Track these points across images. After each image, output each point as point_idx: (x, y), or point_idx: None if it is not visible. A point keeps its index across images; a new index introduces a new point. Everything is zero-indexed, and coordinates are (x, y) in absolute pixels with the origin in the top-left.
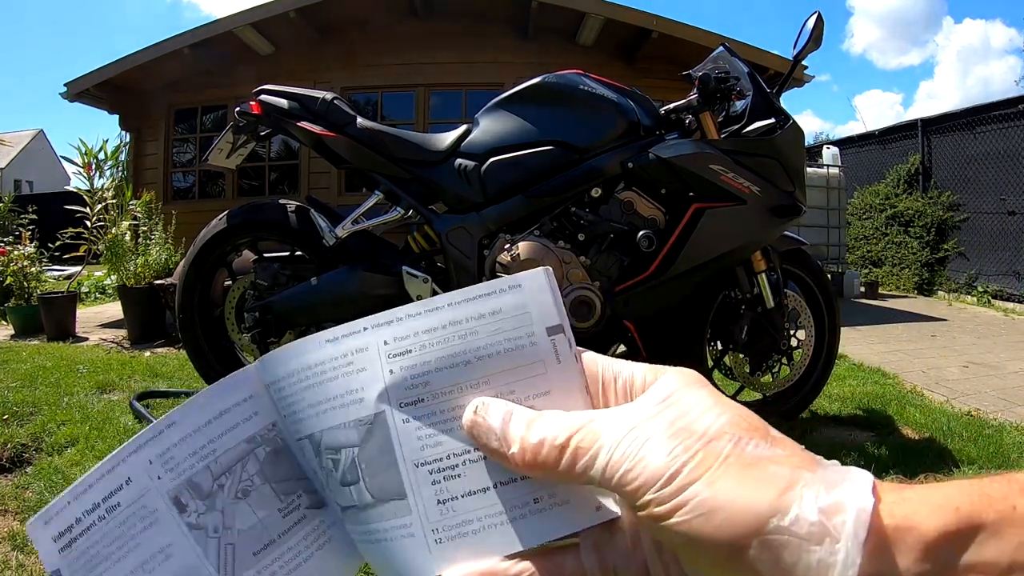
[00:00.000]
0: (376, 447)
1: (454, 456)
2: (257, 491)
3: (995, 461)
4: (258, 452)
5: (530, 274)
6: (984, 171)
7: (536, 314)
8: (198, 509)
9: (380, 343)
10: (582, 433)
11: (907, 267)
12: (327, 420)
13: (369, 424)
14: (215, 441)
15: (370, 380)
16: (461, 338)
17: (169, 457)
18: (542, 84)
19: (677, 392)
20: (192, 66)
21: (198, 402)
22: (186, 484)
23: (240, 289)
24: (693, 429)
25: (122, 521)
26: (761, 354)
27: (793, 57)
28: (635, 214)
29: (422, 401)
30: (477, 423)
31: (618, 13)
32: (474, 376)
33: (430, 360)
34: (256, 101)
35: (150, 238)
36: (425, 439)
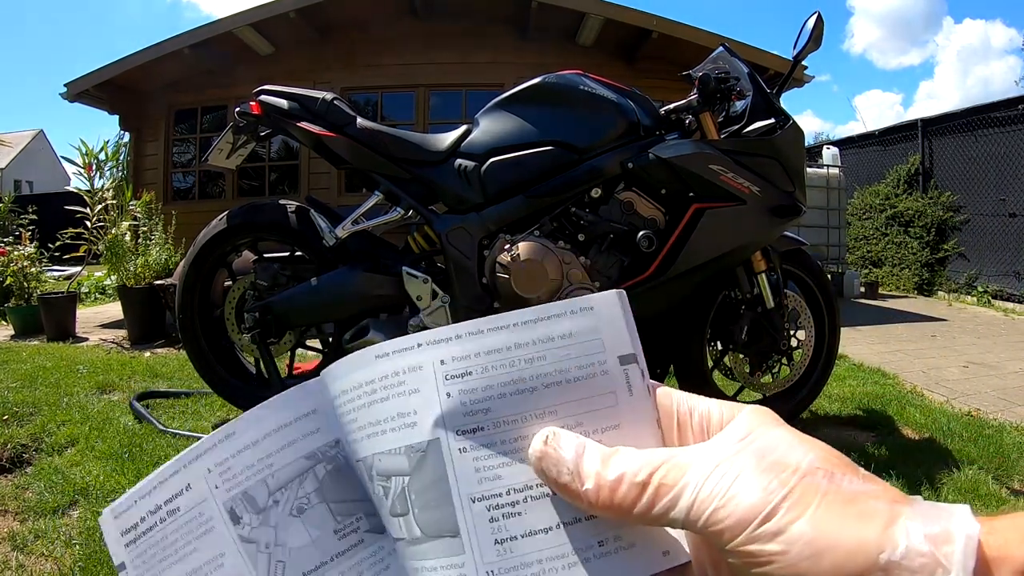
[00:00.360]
0: (428, 477)
1: (515, 492)
2: (313, 510)
3: (995, 461)
4: (317, 469)
5: (603, 297)
6: (984, 171)
7: (608, 340)
8: (251, 522)
9: (436, 362)
10: (664, 469)
11: (907, 267)
12: (378, 444)
13: (422, 452)
14: (273, 455)
15: (424, 403)
16: (527, 362)
17: (227, 468)
18: (542, 84)
19: (757, 429)
20: (192, 66)
21: (257, 414)
22: (241, 496)
23: (240, 289)
24: (785, 463)
25: (181, 525)
26: (761, 354)
27: (793, 57)
28: (635, 214)
29: (481, 430)
30: (548, 455)
31: (618, 13)
32: (539, 405)
33: (492, 385)
34: (256, 101)
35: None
36: (483, 471)
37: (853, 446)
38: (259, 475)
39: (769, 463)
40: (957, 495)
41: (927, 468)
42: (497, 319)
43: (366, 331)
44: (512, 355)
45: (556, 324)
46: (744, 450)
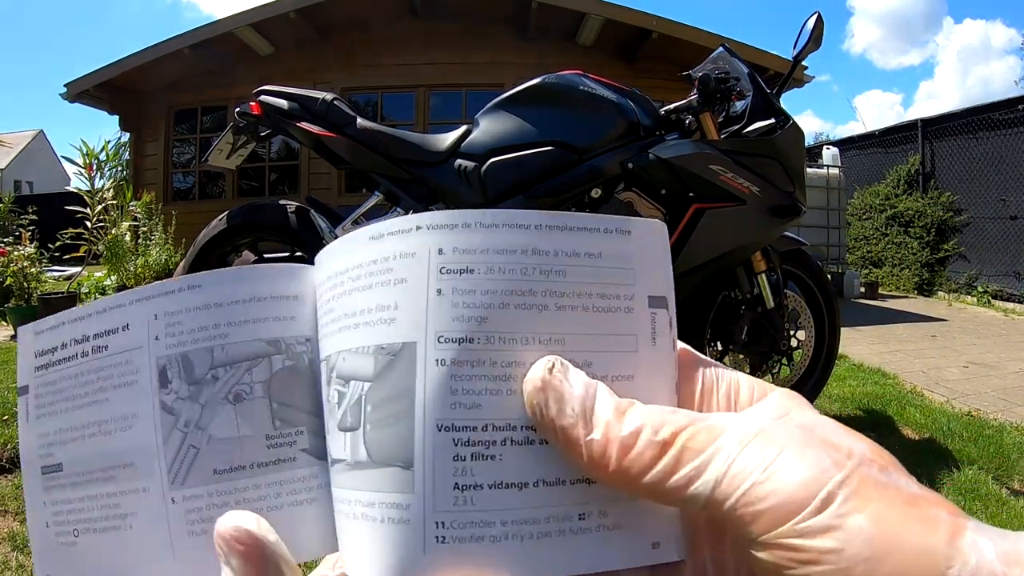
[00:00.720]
0: (393, 387)
1: (493, 428)
2: (252, 402)
3: (995, 461)
4: (274, 360)
5: (645, 223)
6: (984, 171)
7: (641, 275)
8: (180, 391)
9: (433, 250)
10: (692, 430)
11: (907, 267)
12: (347, 339)
13: (392, 355)
14: (232, 326)
15: (409, 296)
16: (543, 273)
17: (176, 321)
18: (542, 84)
19: (795, 410)
20: (192, 67)
21: (234, 275)
22: (180, 357)
23: None
24: (837, 444)
25: (103, 367)
26: (761, 354)
27: (793, 57)
28: (635, 214)
29: (470, 342)
30: (551, 385)
31: (618, 13)
32: (546, 328)
33: (494, 291)
34: (256, 102)
35: (150, 239)
36: (460, 394)
37: None
38: (208, 341)
39: (819, 439)
40: (957, 495)
41: (927, 468)
42: (518, 214)
43: None
44: (527, 261)
45: (586, 238)
46: (783, 422)
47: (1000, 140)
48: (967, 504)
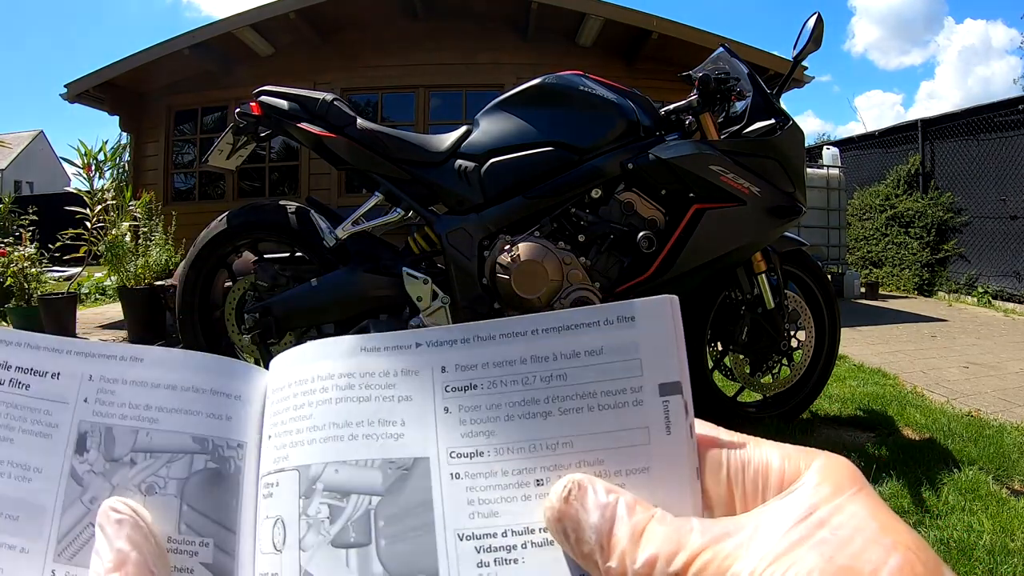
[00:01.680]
0: (408, 503)
1: (513, 534)
2: (163, 499)
3: (995, 462)
4: (196, 460)
5: (650, 304)
6: (984, 171)
7: (649, 363)
8: (94, 464)
9: (436, 368)
10: (705, 558)
11: (907, 268)
12: (340, 451)
13: (404, 470)
14: (164, 412)
15: (416, 415)
16: (544, 380)
17: (111, 390)
18: (542, 85)
19: (827, 504)
20: (192, 67)
21: (179, 359)
22: (104, 430)
23: (240, 290)
24: (859, 570)
25: (16, 406)
26: (761, 355)
27: (793, 58)
28: (635, 215)
29: (481, 455)
30: (568, 514)
31: (618, 14)
32: (553, 434)
33: (499, 404)
34: (256, 102)
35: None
36: (478, 505)
37: (853, 446)
38: (136, 422)
39: (838, 568)
40: (957, 495)
41: (927, 468)
42: (513, 323)
43: (366, 332)
44: (527, 370)
45: (585, 336)
46: (808, 539)
47: (1000, 140)
48: (967, 504)
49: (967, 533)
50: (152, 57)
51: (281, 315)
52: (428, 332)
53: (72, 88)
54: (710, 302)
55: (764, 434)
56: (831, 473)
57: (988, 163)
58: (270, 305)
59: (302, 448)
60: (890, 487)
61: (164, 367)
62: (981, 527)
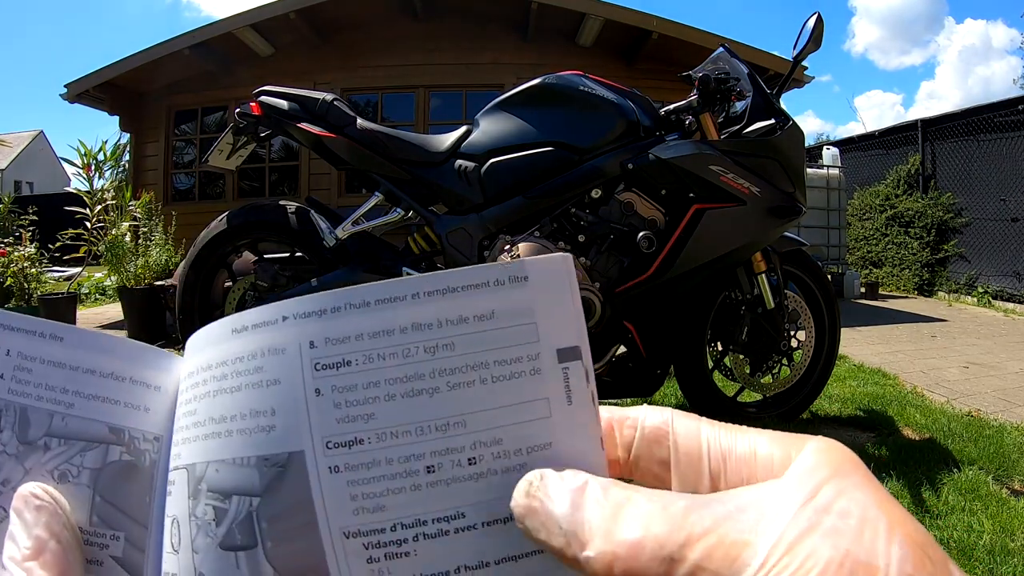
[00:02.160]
0: (287, 501)
1: (402, 527)
2: (76, 488)
3: (996, 462)
4: (112, 451)
5: (543, 262)
6: (984, 171)
7: (545, 326)
8: (7, 445)
9: (304, 344)
10: (711, 541)
11: (907, 268)
12: (218, 449)
13: (280, 467)
14: (82, 398)
15: (286, 400)
16: (428, 351)
17: (28, 368)
18: (542, 85)
19: (828, 485)
20: (192, 67)
21: (100, 342)
22: (18, 409)
23: (240, 290)
24: (871, 565)
25: None
26: (761, 355)
27: (793, 58)
28: (635, 215)
29: (360, 443)
30: (531, 509)
31: (617, 14)
32: (440, 412)
33: (378, 381)
34: (256, 102)
35: (150, 239)
36: (362, 499)
37: (853, 446)
38: (52, 404)
39: (854, 563)
40: (957, 495)
41: (927, 468)
42: (389, 286)
43: None
44: (408, 340)
45: (474, 298)
46: (817, 527)
47: (1000, 140)
48: (967, 504)
49: (967, 533)
50: (152, 57)
51: None
52: (295, 303)
53: (72, 88)
54: (710, 302)
55: None
56: (828, 456)
57: (988, 163)
58: None
59: (189, 445)
60: (890, 487)
61: (84, 349)
62: (981, 527)
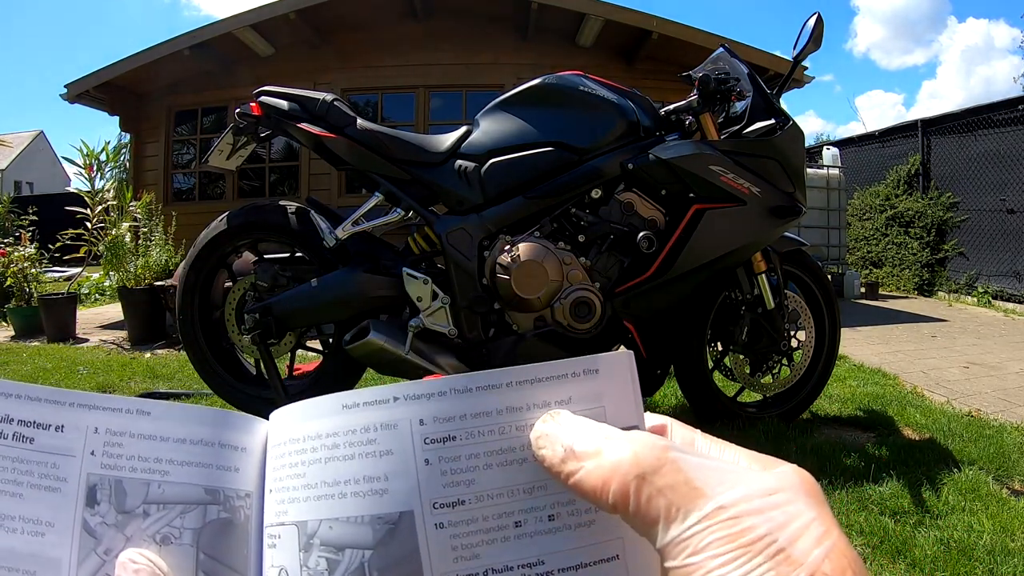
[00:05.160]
0: (397, 553)
1: (493, 572)
2: (179, 548)
3: (996, 462)
4: (210, 510)
5: (612, 359)
6: (984, 171)
7: (612, 409)
8: (106, 516)
9: (415, 422)
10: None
11: (907, 268)
12: (331, 509)
13: (391, 524)
14: (175, 465)
15: (398, 468)
16: (519, 429)
17: (118, 443)
18: (542, 85)
19: (788, 493)
20: (192, 67)
21: (187, 414)
22: (113, 482)
23: (240, 290)
24: (793, 557)
25: (22, 460)
26: (761, 355)
27: (793, 58)
28: (635, 215)
29: (462, 504)
30: (544, 431)
31: (617, 14)
32: (529, 479)
33: (477, 454)
34: (256, 102)
35: (150, 239)
36: (461, 550)
37: (854, 447)
38: (147, 475)
39: (776, 549)
40: (957, 496)
41: (927, 468)
42: (488, 376)
43: (366, 332)
44: (503, 420)
45: (556, 387)
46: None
47: (1000, 140)
48: (967, 504)
49: (967, 533)
50: (152, 57)
51: (281, 315)
52: (406, 386)
53: (72, 88)
54: (710, 302)
55: (764, 434)
56: (799, 477)
57: (988, 163)
58: (270, 305)
59: (298, 505)
60: (890, 487)
61: (171, 420)
62: (981, 527)
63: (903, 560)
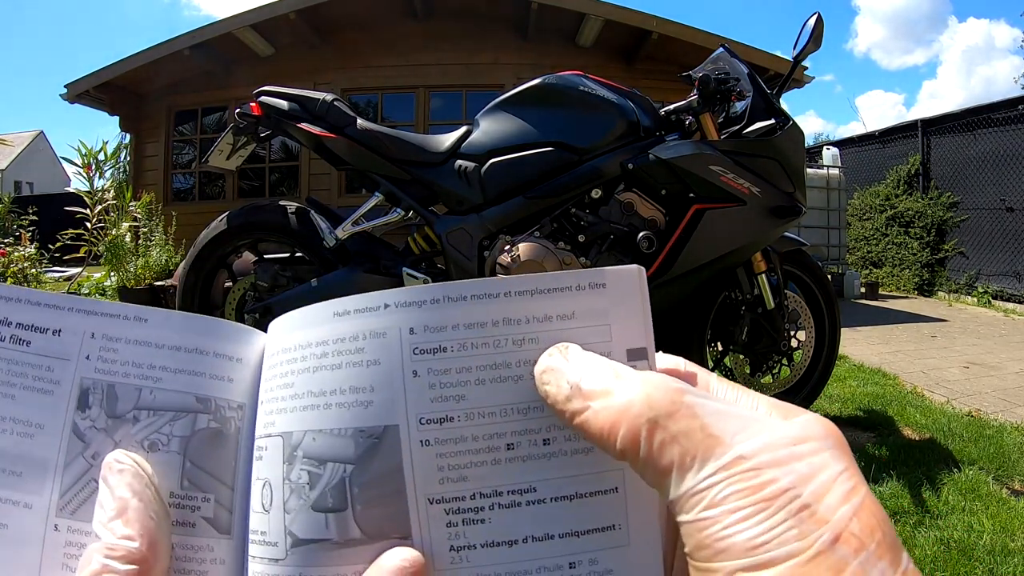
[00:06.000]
0: (379, 470)
1: (480, 496)
2: (166, 455)
3: (996, 462)
4: (200, 419)
5: (619, 272)
6: (984, 171)
7: (618, 328)
8: (96, 421)
9: (405, 330)
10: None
11: (907, 268)
12: (316, 420)
13: (375, 439)
14: (168, 371)
15: (385, 379)
16: (516, 343)
17: (113, 348)
18: (542, 85)
19: (815, 443)
20: (192, 67)
21: (184, 321)
22: (106, 387)
23: (240, 290)
24: (817, 512)
25: (17, 362)
26: (761, 355)
27: (793, 58)
28: (635, 215)
29: (451, 420)
30: (550, 366)
31: (617, 14)
32: (523, 397)
33: (470, 367)
34: (256, 102)
35: (150, 239)
36: (447, 471)
37: (854, 447)
38: (139, 380)
39: (800, 505)
40: (957, 496)
41: (927, 468)
42: (485, 284)
43: None
44: (499, 332)
45: (558, 300)
46: (784, 463)
47: (1000, 140)
48: (967, 504)
49: (967, 533)
50: (152, 57)
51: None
52: (397, 292)
53: (72, 88)
54: (710, 302)
55: None
56: (823, 426)
57: (988, 163)
58: (270, 305)
59: (285, 415)
60: (890, 487)
61: (168, 328)
62: (981, 527)
63: None
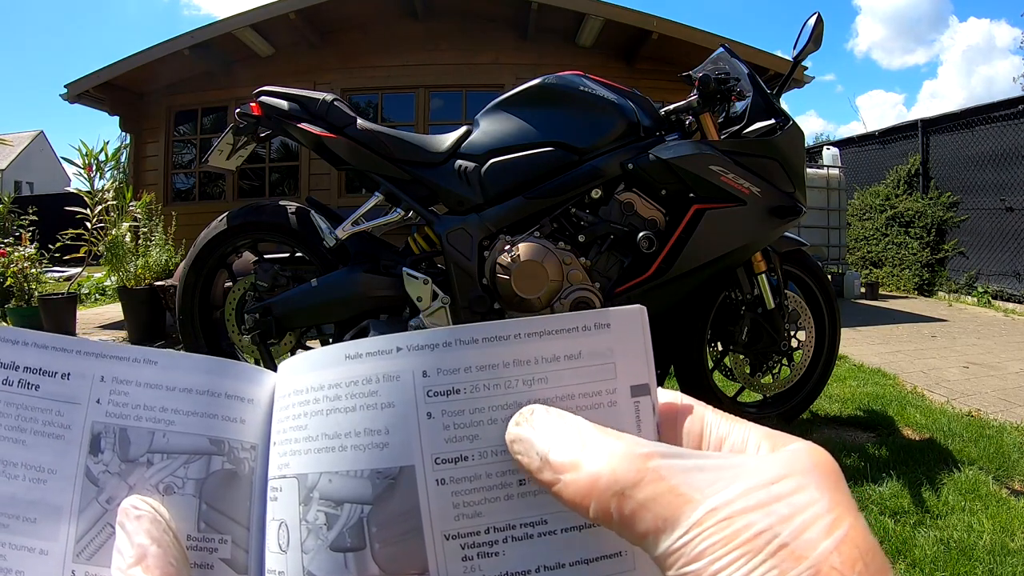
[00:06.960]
0: (397, 509)
1: (494, 531)
2: (181, 498)
3: (996, 462)
4: (214, 461)
5: (623, 313)
6: (984, 172)
7: (622, 366)
8: (109, 465)
9: (418, 374)
10: (659, 488)
11: (907, 268)
12: (331, 462)
13: (391, 479)
14: (180, 414)
15: (399, 421)
16: (525, 384)
17: (124, 391)
18: (542, 85)
19: (794, 479)
20: (192, 67)
21: (194, 363)
22: (118, 431)
23: (240, 290)
24: (797, 552)
25: (26, 406)
26: (761, 355)
27: (793, 58)
28: (635, 215)
29: (465, 459)
30: (519, 435)
31: (617, 14)
32: None
33: (483, 407)
34: (256, 102)
35: (150, 239)
36: (463, 508)
37: (853, 446)
38: (151, 424)
39: (778, 545)
40: (957, 496)
41: (927, 468)
42: (495, 327)
43: (366, 332)
44: (510, 373)
45: (564, 341)
46: (761, 508)
47: (1000, 140)
48: (967, 504)
49: (967, 533)
50: (152, 57)
51: (281, 315)
52: (409, 336)
53: (72, 88)
54: (710, 302)
55: None
56: (807, 456)
57: (988, 163)
58: (270, 305)
59: (299, 457)
60: (890, 487)
61: (178, 370)
62: (981, 527)
63: (903, 560)
